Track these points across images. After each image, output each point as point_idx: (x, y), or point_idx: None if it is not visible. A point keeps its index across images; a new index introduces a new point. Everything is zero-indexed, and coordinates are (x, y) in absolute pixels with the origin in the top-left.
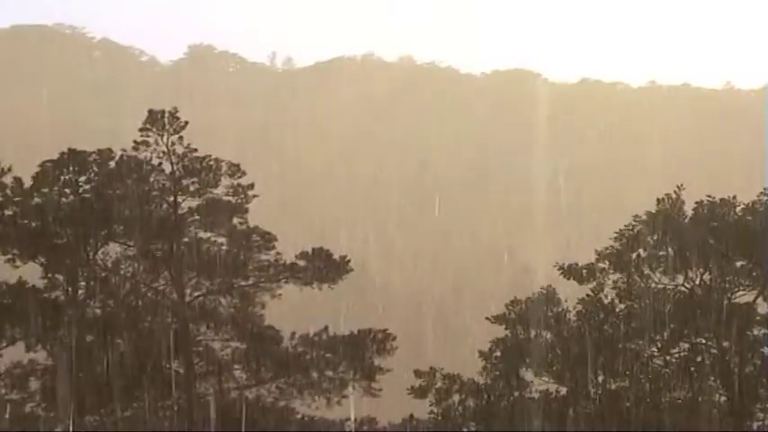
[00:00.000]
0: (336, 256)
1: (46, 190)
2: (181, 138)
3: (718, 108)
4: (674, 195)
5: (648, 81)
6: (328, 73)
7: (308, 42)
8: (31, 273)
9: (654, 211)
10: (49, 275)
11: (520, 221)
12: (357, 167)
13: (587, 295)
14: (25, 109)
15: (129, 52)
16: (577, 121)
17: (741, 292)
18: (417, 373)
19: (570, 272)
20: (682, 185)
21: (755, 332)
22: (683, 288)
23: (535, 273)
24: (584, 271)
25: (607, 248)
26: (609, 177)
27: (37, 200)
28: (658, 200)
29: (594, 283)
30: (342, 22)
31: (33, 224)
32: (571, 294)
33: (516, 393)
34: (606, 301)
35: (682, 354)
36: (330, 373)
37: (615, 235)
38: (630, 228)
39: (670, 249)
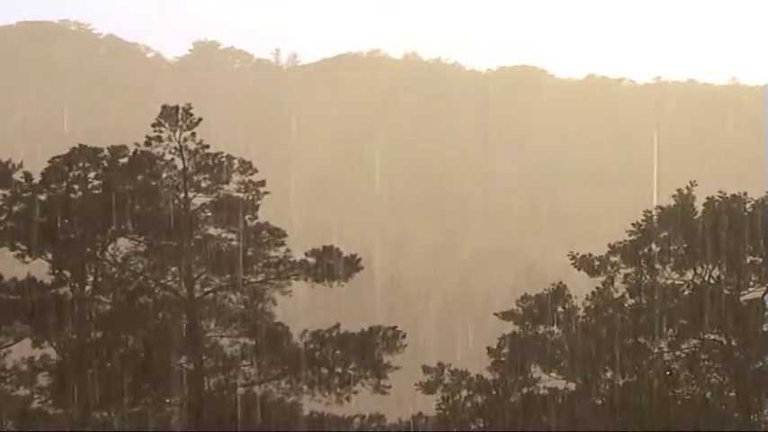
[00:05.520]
0: (347, 254)
1: (54, 186)
2: (193, 134)
3: (724, 104)
4: (685, 191)
5: (654, 77)
6: (333, 69)
7: (312, 38)
8: (39, 269)
9: (665, 207)
10: (57, 271)
11: (526, 218)
12: (362, 164)
13: (597, 288)
14: (31, 105)
15: (134, 49)
16: (583, 117)
17: (751, 288)
18: (425, 369)
19: (582, 263)
20: (694, 182)
21: (765, 328)
22: (692, 284)
23: (542, 271)
24: (597, 263)
25: (620, 242)
26: (614, 174)
27: (46, 195)
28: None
29: (605, 277)
30: (347, 18)
31: (42, 220)
32: (577, 291)
33: (525, 390)
34: (616, 296)
35: (691, 350)
36: (339, 370)
37: (632, 228)
38: (646, 221)
39: (680, 245)
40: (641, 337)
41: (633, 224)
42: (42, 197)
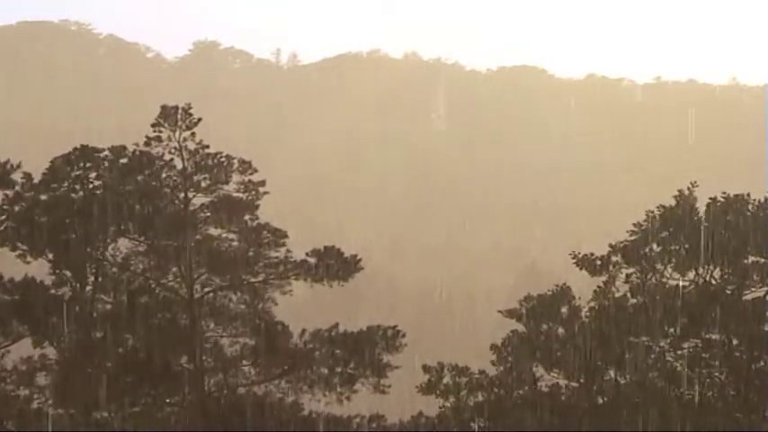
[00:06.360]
0: (347, 255)
1: (55, 186)
2: (193, 134)
3: (724, 104)
4: (686, 191)
5: (654, 77)
6: (334, 69)
7: (313, 38)
8: (39, 269)
9: (666, 207)
10: (57, 271)
11: (526, 218)
12: (362, 164)
13: (598, 287)
14: (32, 105)
15: (134, 48)
16: (583, 117)
17: (752, 288)
18: (425, 369)
19: (584, 263)
20: (695, 182)
21: (766, 328)
22: (694, 284)
23: (542, 270)
24: (598, 262)
25: (621, 242)
26: (615, 174)
27: (47, 195)
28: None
29: (606, 277)
30: (347, 18)
31: (43, 220)
32: (576, 291)
33: (527, 388)
34: (618, 295)
35: (692, 349)
36: (339, 370)
37: (633, 228)
38: (647, 221)
39: (682, 245)
40: (643, 337)
41: (634, 224)
42: (43, 197)
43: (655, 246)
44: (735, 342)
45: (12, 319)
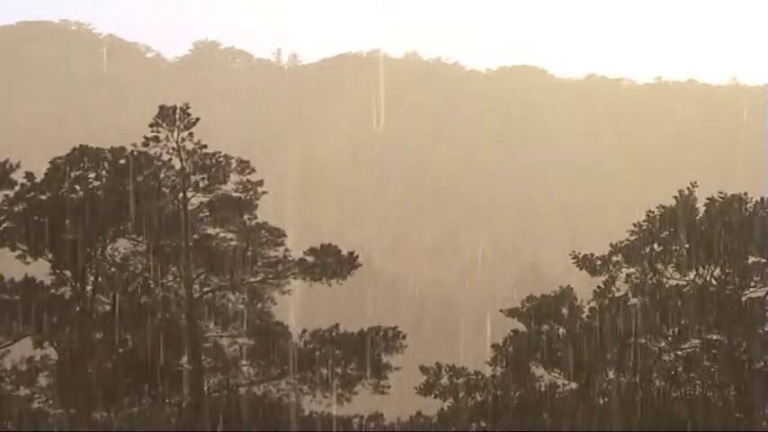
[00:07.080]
0: (345, 252)
1: (55, 186)
2: (191, 134)
3: (724, 104)
4: (686, 191)
5: (654, 77)
6: (333, 69)
7: (313, 38)
8: (39, 269)
9: (667, 207)
10: (57, 271)
11: (526, 218)
12: (363, 163)
13: (598, 287)
14: (31, 105)
15: (134, 48)
16: (583, 117)
17: (752, 288)
18: (423, 370)
19: (584, 263)
20: (695, 183)
21: (766, 328)
22: (694, 284)
23: (542, 270)
24: (599, 262)
25: (622, 242)
26: (615, 174)
27: (47, 196)
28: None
29: (607, 276)
30: (347, 18)
31: (43, 220)
32: (578, 291)
33: (527, 388)
34: (618, 295)
35: (692, 349)
36: (339, 371)
37: (633, 228)
38: (648, 221)
39: (682, 245)
40: (643, 337)
41: (635, 224)
42: (43, 197)
43: (655, 246)
44: (735, 342)
45: (12, 319)
